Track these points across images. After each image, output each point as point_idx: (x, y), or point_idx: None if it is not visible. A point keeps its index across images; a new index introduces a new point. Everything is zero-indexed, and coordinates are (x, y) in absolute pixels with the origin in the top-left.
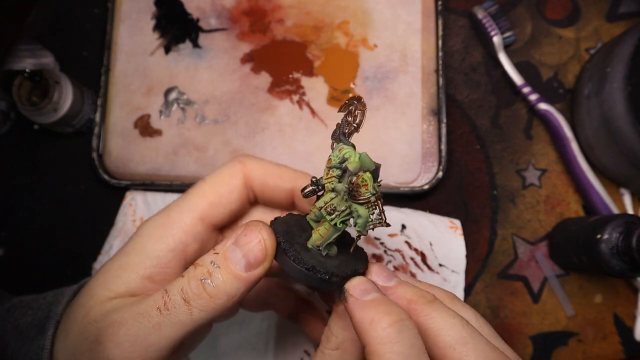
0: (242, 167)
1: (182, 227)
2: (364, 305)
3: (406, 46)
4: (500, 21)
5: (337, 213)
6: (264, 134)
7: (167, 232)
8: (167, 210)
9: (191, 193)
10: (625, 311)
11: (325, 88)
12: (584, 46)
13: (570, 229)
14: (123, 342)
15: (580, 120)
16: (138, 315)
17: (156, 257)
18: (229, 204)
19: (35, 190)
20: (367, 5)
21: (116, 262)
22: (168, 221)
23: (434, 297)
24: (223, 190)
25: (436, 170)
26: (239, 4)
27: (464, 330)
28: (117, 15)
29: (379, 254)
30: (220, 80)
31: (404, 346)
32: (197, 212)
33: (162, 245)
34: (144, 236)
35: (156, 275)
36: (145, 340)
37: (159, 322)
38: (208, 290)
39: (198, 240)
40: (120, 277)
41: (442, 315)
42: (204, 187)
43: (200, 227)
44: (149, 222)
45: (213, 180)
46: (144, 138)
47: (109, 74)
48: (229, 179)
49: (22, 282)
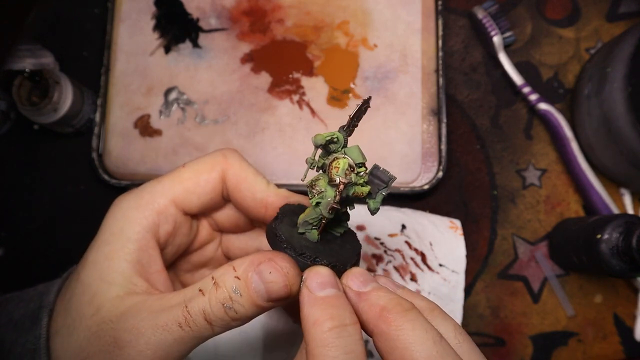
0: (224, 161)
1: (155, 208)
2: (313, 302)
3: (406, 46)
4: (500, 21)
5: (314, 192)
6: (264, 134)
7: (141, 214)
8: (140, 191)
9: (168, 177)
10: (625, 311)
11: (325, 88)
12: (584, 46)
13: (570, 229)
14: (145, 350)
15: (580, 120)
16: (158, 327)
17: (136, 239)
18: (203, 194)
19: (35, 190)
20: (367, 5)
21: (100, 251)
22: (141, 202)
23: (411, 305)
24: (200, 180)
25: (436, 170)
26: (239, 4)
27: (435, 347)
28: (117, 15)
29: (379, 253)
30: (220, 80)
31: (339, 351)
32: (170, 196)
33: (138, 227)
34: (119, 219)
35: (142, 259)
36: (166, 350)
37: (181, 336)
38: (230, 315)
39: (170, 222)
40: (112, 267)
41: (415, 328)
42: (182, 172)
43: (173, 210)
44: (121, 203)
45: (192, 167)
46: (144, 138)
47: (109, 74)
48: (207, 170)
49: (22, 282)
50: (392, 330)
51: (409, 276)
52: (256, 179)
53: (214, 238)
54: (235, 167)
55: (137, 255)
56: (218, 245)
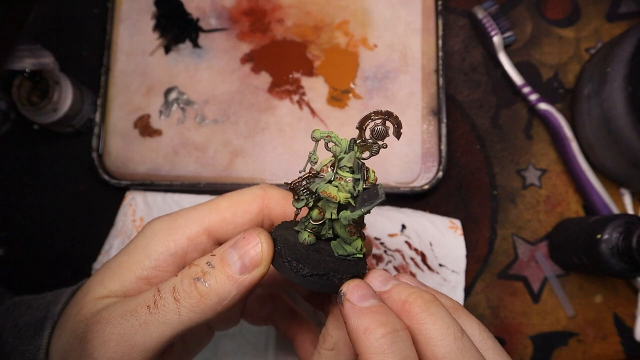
0: (263, 194)
1: (186, 233)
2: (359, 313)
3: (406, 46)
4: (500, 21)
5: (306, 190)
6: (264, 134)
7: (170, 236)
8: (176, 214)
9: (205, 205)
10: (625, 311)
11: (325, 88)
12: (584, 46)
13: (570, 229)
14: (108, 340)
15: (580, 120)
16: (126, 312)
17: (155, 258)
18: (240, 224)
19: (35, 190)
20: (367, 5)
21: (117, 260)
22: (174, 225)
23: (433, 297)
24: (238, 210)
25: (436, 170)
26: (239, 4)
27: (456, 344)
28: (117, 15)
29: (379, 254)
30: (220, 80)
31: (396, 357)
32: (205, 224)
33: (163, 248)
34: (148, 236)
35: (153, 278)
36: (131, 339)
37: (146, 321)
38: (200, 289)
39: (199, 250)
40: (117, 275)
41: (437, 322)
42: (220, 202)
43: (204, 239)
44: (155, 223)
45: (231, 198)
46: (144, 138)
47: (109, 74)
48: (247, 202)
49: (22, 282)
50: (414, 324)
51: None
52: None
53: None
54: (277, 196)
55: (150, 273)
56: None
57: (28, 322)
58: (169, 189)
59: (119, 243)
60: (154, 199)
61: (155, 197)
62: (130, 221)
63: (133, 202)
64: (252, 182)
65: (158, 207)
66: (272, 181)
